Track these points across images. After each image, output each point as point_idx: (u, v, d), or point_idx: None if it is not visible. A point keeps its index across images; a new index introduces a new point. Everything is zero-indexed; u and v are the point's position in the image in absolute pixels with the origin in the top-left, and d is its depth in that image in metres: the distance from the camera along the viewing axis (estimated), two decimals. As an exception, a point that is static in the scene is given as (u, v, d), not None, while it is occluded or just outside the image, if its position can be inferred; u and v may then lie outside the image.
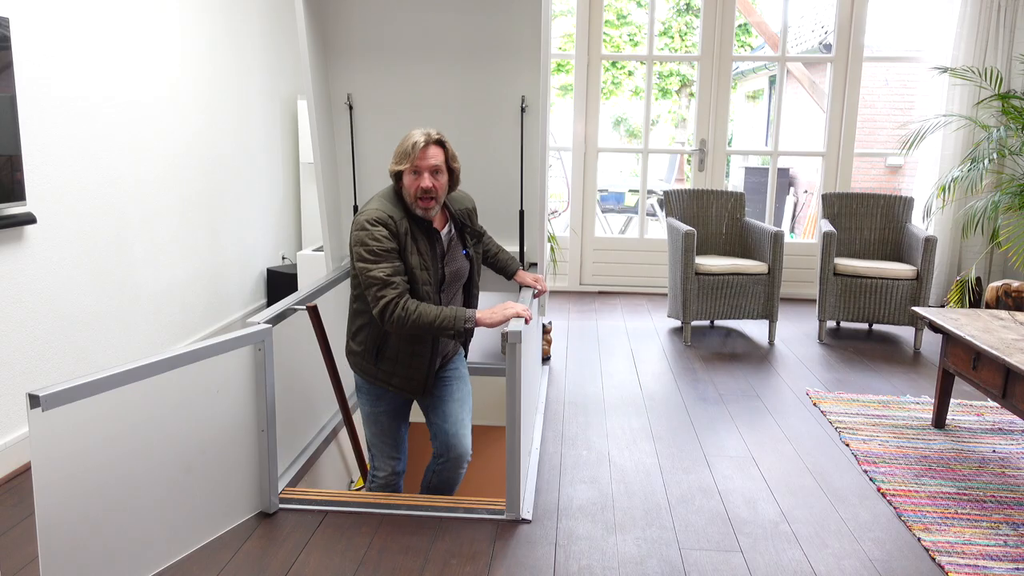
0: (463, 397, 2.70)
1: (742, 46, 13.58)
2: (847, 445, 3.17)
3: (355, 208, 3.54)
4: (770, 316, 4.66)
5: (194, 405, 2.21)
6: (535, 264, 3.69)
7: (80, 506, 1.91)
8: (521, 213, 3.52)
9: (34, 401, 1.76)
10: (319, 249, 4.79)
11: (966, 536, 2.46)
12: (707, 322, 5.15)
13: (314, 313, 2.88)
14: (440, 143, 2.47)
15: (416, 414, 2.85)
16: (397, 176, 2.48)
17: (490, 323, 2.47)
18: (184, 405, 2.18)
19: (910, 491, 2.76)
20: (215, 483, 2.32)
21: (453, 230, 2.63)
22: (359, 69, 3.42)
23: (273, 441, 2.49)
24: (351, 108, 3.46)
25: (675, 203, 5.06)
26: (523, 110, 3.43)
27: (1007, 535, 2.46)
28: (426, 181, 2.41)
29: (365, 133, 3.50)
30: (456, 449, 2.61)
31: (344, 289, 3.43)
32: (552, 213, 5.97)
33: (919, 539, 2.44)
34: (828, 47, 7.98)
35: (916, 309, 3.44)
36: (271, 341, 2.43)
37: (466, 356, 2.84)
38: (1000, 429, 3.36)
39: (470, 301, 2.75)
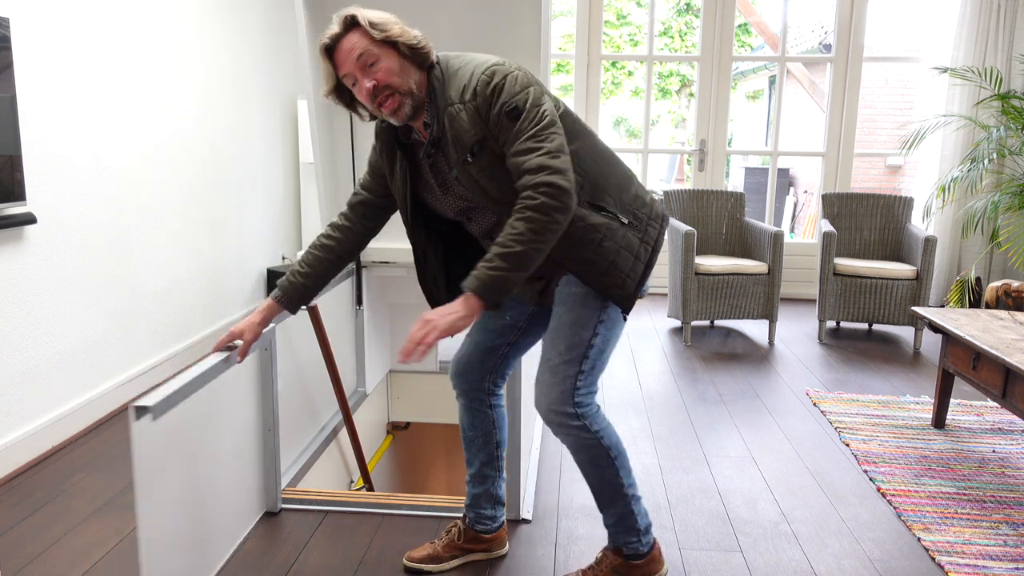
0: (556, 327, 1.91)
1: (742, 46, 13.59)
2: (847, 445, 3.17)
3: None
4: (770, 316, 4.67)
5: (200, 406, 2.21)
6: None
7: (168, 508, 1.94)
8: (521, 213, 3.53)
9: (141, 412, 1.73)
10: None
11: (966, 536, 2.46)
12: (707, 322, 5.15)
13: (314, 313, 2.88)
14: (352, 23, 1.75)
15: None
16: (344, 99, 1.84)
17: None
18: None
19: (910, 491, 2.76)
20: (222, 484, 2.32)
21: (434, 133, 1.81)
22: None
23: (277, 441, 2.49)
24: (351, 108, 3.46)
25: (675, 203, 5.06)
26: (523, 110, 3.43)
27: (1007, 535, 2.46)
28: (365, 83, 1.74)
29: (365, 133, 3.50)
30: (536, 400, 1.93)
31: (343, 290, 3.43)
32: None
33: (919, 539, 2.44)
34: (828, 47, 7.99)
35: (916, 309, 3.44)
36: (275, 341, 2.43)
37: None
38: (1000, 429, 3.36)
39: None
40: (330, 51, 1.77)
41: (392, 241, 3.57)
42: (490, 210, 1.86)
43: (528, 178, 1.70)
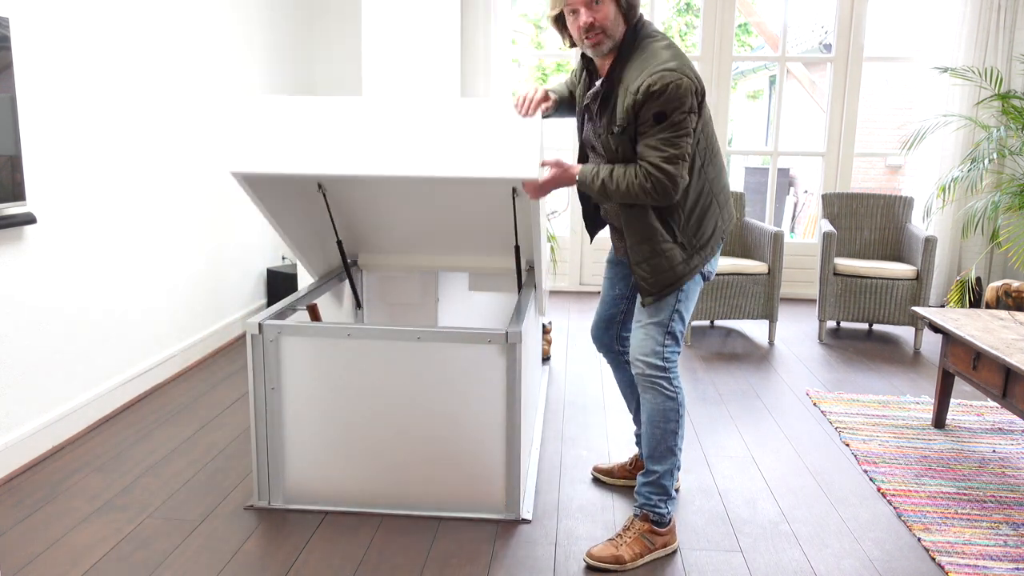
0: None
1: (742, 46, 13.58)
2: (847, 445, 3.17)
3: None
4: (770, 316, 4.66)
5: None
6: (532, 267, 3.68)
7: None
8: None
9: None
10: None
11: (966, 536, 2.46)
12: (707, 322, 5.15)
13: (314, 313, 2.88)
14: None
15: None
16: (559, 25, 2.20)
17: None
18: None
19: (910, 491, 2.76)
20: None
21: (602, 88, 2.19)
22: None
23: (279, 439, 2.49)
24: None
25: (675, 203, 5.05)
26: (523, 110, 3.43)
27: (1007, 535, 2.46)
28: (583, 17, 2.09)
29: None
30: (631, 355, 2.32)
31: (344, 291, 3.43)
32: (552, 213, 5.97)
33: (919, 539, 2.44)
34: (828, 47, 7.98)
35: (916, 309, 3.44)
36: (278, 342, 2.42)
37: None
38: (1000, 429, 3.36)
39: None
40: None
41: (392, 254, 3.57)
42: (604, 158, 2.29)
43: (647, 166, 2.08)
